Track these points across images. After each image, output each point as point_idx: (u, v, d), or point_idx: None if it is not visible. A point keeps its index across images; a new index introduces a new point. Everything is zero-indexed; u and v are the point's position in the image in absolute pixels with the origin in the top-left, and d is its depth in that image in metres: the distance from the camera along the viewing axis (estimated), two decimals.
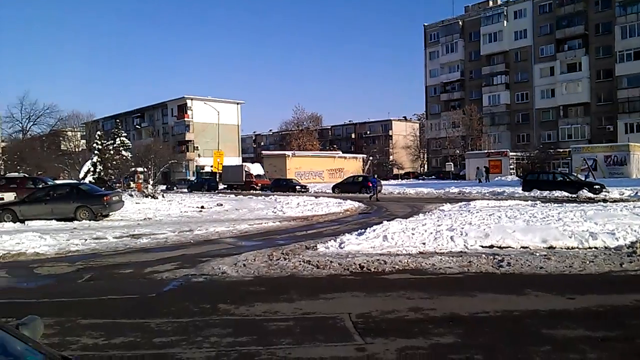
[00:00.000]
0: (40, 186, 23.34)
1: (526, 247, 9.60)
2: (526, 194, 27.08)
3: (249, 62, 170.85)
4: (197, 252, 10.68)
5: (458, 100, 67.33)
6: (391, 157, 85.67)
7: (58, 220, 17.39)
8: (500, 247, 9.67)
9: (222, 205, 24.30)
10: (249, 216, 19.04)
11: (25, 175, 29.00)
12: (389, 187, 38.81)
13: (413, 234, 10.52)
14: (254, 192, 41.43)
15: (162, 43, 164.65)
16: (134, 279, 8.24)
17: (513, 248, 9.62)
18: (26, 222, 17.03)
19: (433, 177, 60.09)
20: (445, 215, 14.19)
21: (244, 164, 54.58)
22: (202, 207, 23.11)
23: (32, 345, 2.07)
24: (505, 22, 61.66)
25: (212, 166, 52.88)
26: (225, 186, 47.56)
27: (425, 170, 75.64)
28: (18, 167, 33.80)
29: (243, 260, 9.15)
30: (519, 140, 60.34)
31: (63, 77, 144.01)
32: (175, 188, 48.57)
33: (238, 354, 4.51)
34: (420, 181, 54.61)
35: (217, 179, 48.73)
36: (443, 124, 65.54)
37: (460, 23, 67.14)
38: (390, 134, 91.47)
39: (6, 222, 17.14)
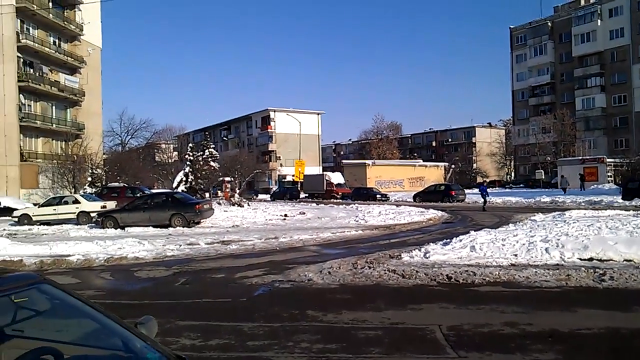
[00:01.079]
0: (138, 195, 25.10)
1: (630, 261, 8.86)
2: (627, 203, 24.97)
3: (329, 72, 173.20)
4: (283, 259, 10.95)
5: (548, 105, 63.77)
6: (475, 165, 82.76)
7: (154, 226, 18.58)
8: (600, 260, 9.00)
9: (304, 213, 24.73)
10: (332, 224, 19.22)
11: (125, 185, 31.32)
12: (472, 196, 37.48)
13: (503, 244, 10.08)
14: (335, 200, 41.75)
15: (246, 57, 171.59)
16: (225, 284, 8.61)
17: (615, 261, 8.91)
18: (126, 229, 18.36)
19: (521, 185, 57.25)
20: (538, 225, 13.43)
21: (324, 173, 55.27)
22: (286, 215, 23.65)
23: (150, 344, 2.24)
24: (599, 21, 57.58)
25: (293, 175, 54.02)
26: (307, 195, 48.36)
27: (512, 178, 72.23)
28: (118, 178, 36.62)
29: (328, 267, 9.25)
30: (616, 145, 55.86)
31: (158, 93, 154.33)
32: (255, 196, 50.08)
33: None
34: (507, 190, 52.24)
35: (299, 188, 49.69)
36: (532, 130, 62.29)
37: (549, 24, 63.73)
38: (474, 141, 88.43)
39: (109, 228, 18.60)
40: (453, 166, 70.28)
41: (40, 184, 36.85)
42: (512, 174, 75.61)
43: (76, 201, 22.69)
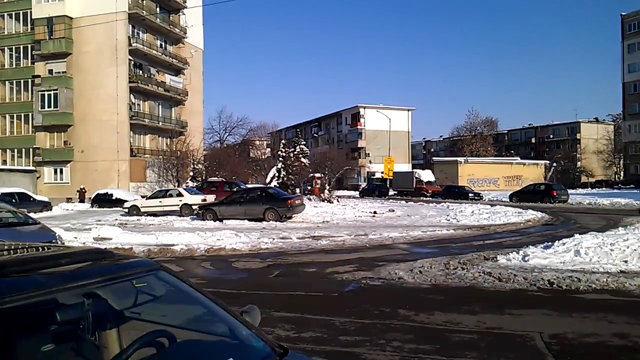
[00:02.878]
0: (235, 189, 26.32)
1: None
2: None
3: (420, 67, 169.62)
4: (373, 256, 10.95)
5: None
6: (579, 163, 76.90)
7: (249, 220, 19.40)
8: None
9: (393, 211, 24.53)
10: (422, 223, 18.88)
11: (223, 179, 32.98)
12: (576, 197, 34.97)
13: (612, 249, 9.30)
14: (424, 198, 40.94)
15: (337, 53, 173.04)
16: (317, 278, 8.79)
17: None
18: (224, 221, 19.35)
19: (632, 186, 52.36)
20: None
21: (414, 170, 54.36)
22: (375, 212, 23.61)
23: (255, 332, 2.36)
24: None
25: (382, 172, 53.71)
26: (395, 192, 47.87)
27: (622, 178, 66.27)
28: (216, 172, 38.64)
29: (419, 267, 9.11)
30: None
31: (253, 92, 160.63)
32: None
33: None
34: (616, 190, 48.04)
35: (388, 185, 49.31)
36: None
37: None
38: (578, 137, 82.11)
39: (208, 220, 19.73)
40: (554, 164, 65.78)
41: (147, 178, 39.90)
42: (622, 173, 69.33)
43: (180, 194, 24.28)
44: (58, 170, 41.45)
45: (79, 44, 39.97)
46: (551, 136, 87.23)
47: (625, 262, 8.70)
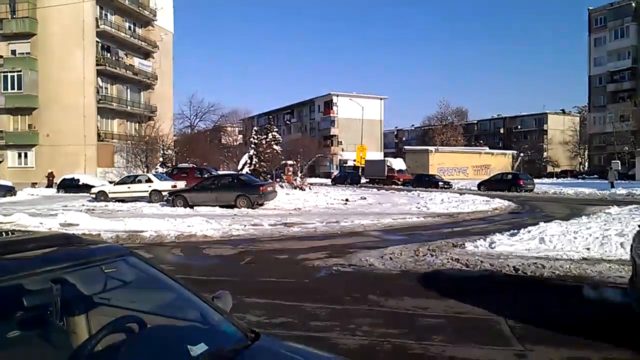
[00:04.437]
0: (206, 176, 26.05)
1: None
2: None
3: (392, 57, 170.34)
4: (345, 243, 11.05)
5: (628, 91, 59.58)
6: (545, 153, 78.89)
7: (221, 206, 19.25)
8: None
9: (365, 198, 24.73)
10: (393, 210, 19.09)
11: (193, 165, 32.58)
12: (542, 186, 35.90)
13: (575, 237, 9.63)
14: (396, 187, 41.37)
15: (311, 42, 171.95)
16: (288, 265, 8.82)
17: None
18: (195, 208, 19.14)
19: (595, 176, 54.05)
20: (613, 218, 12.71)
21: (386, 158, 54.73)
22: (347, 200, 23.75)
23: (226, 317, 2.37)
24: None
25: (354, 160, 53.97)
26: (367, 180, 48.21)
27: (586, 168, 68.35)
28: (187, 158, 38.15)
29: (389, 253, 9.23)
30: None
31: (224, 77, 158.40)
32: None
33: (391, 345, 4.60)
34: (580, 180, 49.54)
35: (360, 173, 49.61)
36: (609, 118, 58.61)
37: (633, 5, 59.14)
38: (545, 128, 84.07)
39: (179, 206, 19.48)
40: (522, 154, 67.40)
41: (115, 163, 39.08)
42: (586, 164, 71.52)
43: (149, 180, 23.90)
44: (22, 155, 40.13)
45: (44, 25, 38.49)
46: (519, 127, 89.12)
47: (588, 249, 9.01)
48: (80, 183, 31.53)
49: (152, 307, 2.48)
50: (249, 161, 32.27)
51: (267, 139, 36.42)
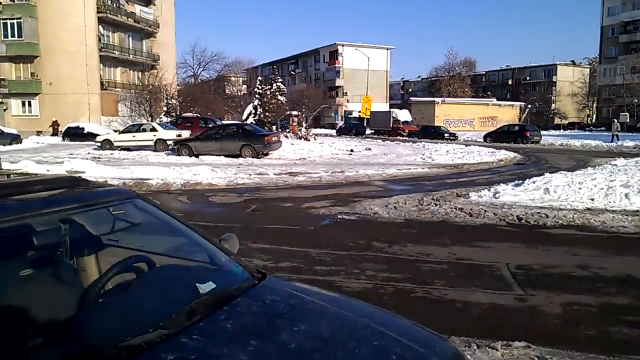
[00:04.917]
0: (211, 125, 25.91)
1: None
2: None
3: (400, 6, 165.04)
4: (349, 192, 11.10)
5: None
6: (553, 105, 77.73)
7: (226, 156, 19.28)
8: None
9: (370, 149, 24.66)
10: (397, 161, 19.07)
11: (198, 115, 32.34)
12: (549, 138, 35.64)
13: (580, 188, 9.62)
14: (401, 138, 41.12)
15: None
16: (294, 213, 8.91)
17: None
18: (200, 157, 19.19)
19: (603, 128, 53.42)
20: (618, 170, 12.67)
21: (391, 110, 54.09)
22: (352, 150, 23.70)
23: (234, 258, 2.40)
24: None
25: (360, 111, 53.37)
26: (372, 131, 47.88)
27: (594, 120, 67.50)
28: (191, 108, 37.80)
29: (394, 202, 9.30)
30: None
31: (228, 26, 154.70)
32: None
33: (394, 288, 4.70)
34: (587, 132, 49.08)
35: (365, 124, 49.22)
36: (620, 70, 57.23)
37: None
38: (554, 79, 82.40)
39: (184, 155, 19.54)
40: (529, 106, 66.40)
41: (119, 112, 38.90)
42: (594, 116, 70.59)
43: (154, 129, 23.81)
44: (26, 103, 39.95)
45: None
46: (528, 78, 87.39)
47: (592, 200, 9.02)
48: (85, 131, 31.50)
49: (160, 249, 2.51)
50: (253, 111, 31.94)
51: (272, 90, 35.89)
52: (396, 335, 1.83)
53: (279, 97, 36.64)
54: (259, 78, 38.75)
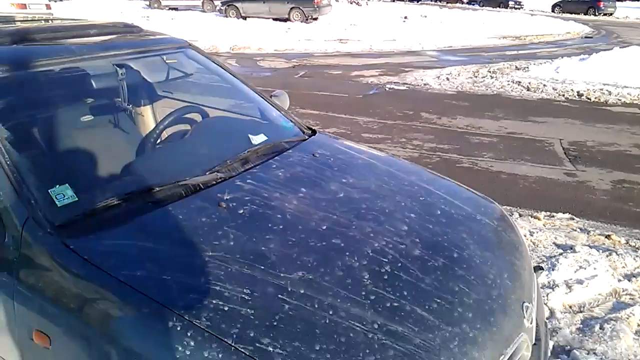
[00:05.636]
0: None
1: None
2: None
3: None
4: (400, 62, 10.69)
5: None
6: None
7: (274, 19, 18.61)
8: None
9: (426, 16, 23.15)
10: (454, 29, 17.90)
11: None
12: (625, 10, 32.18)
13: None
14: (461, 5, 38.17)
15: None
16: (342, 80, 8.75)
17: None
18: (247, 19, 18.61)
19: None
20: None
21: None
22: (406, 17, 22.30)
23: (284, 114, 2.41)
24: None
25: None
26: None
27: None
28: None
29: (447, 74, 8.95)
30: None
31: None
32: None
33: (439, 158, 4.71)
34: None
35: None
36: None
37: None
38: None
39: (231, 17, 18.99)
40: None
41: None
42: None
43: None
44: None
45: None
46: None
47: None
48: None
49: (212, 101, 2.55)
50: None
51: None
52: (442, 193, 1.86)
53: None
54: None
